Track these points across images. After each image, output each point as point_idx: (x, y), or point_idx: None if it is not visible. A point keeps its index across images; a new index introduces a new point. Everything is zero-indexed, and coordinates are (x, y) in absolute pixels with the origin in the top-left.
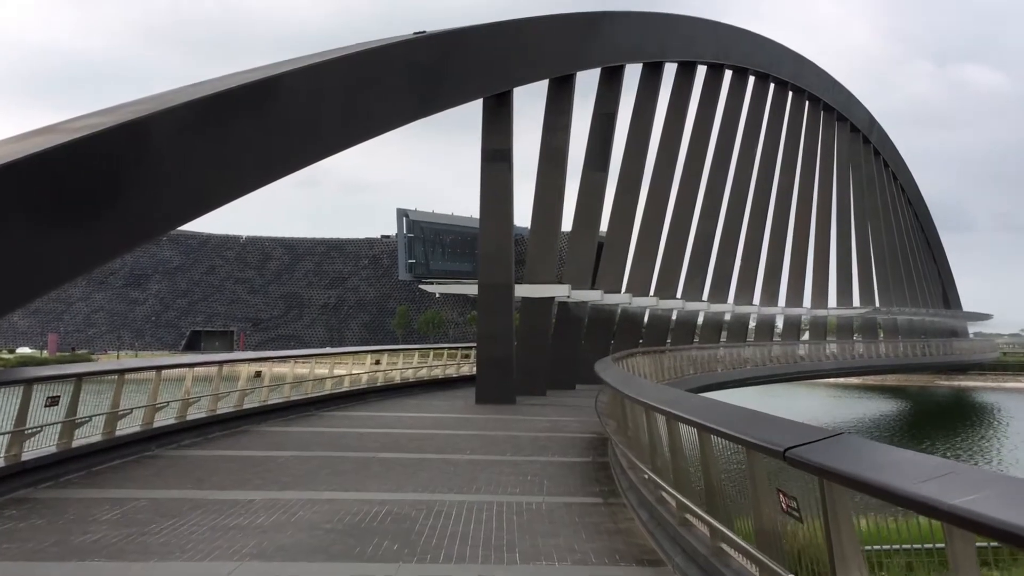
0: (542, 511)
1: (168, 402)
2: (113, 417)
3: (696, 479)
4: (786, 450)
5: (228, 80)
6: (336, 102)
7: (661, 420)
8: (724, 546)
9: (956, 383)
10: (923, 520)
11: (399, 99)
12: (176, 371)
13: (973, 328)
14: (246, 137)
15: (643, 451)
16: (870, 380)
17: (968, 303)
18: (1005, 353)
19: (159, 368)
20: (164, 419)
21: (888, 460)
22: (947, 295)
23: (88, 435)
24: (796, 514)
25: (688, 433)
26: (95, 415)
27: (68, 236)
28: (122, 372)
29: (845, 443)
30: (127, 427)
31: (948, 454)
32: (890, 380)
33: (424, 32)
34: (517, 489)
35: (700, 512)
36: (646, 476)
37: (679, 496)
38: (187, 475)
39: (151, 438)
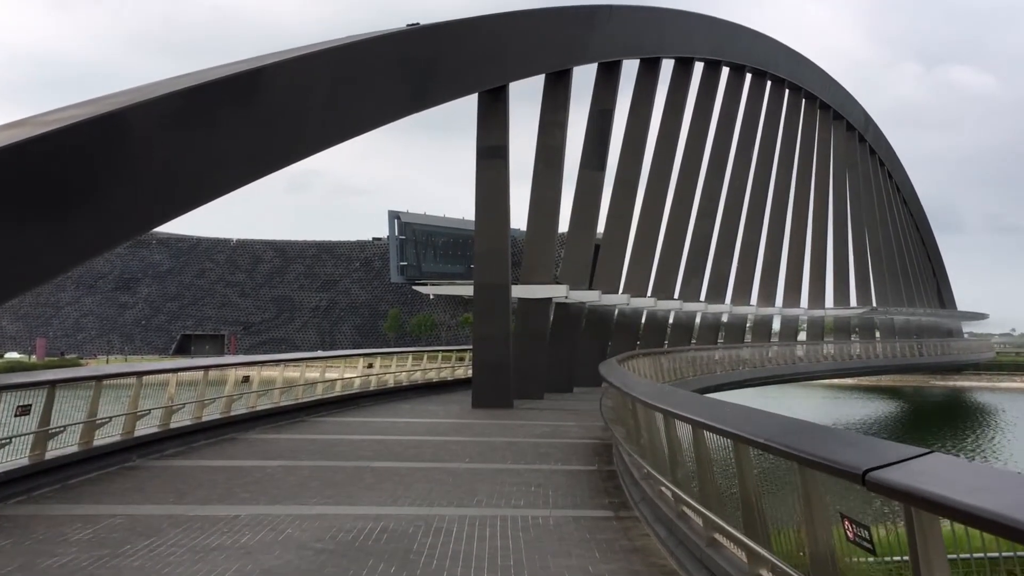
0: (550, 526)
1: (150, 410)
2: (91, 426)
3: (728, 494)
4: (865, 472)
5: (211, 72)
6: (325, 96)
7: (685, 428)
8: (765, 572)
9: (951, 383)
10: None
11: (391, 93)
12: (159, 376)
13: (967, 328)
14: (231, 131)
15: (660, 461)
16: (865, 381)
17: (960, 303)
18: (998, 353)
19: (139, 374)
20: (146, 427)
21: (1000, 485)
22: (942, 294)
23: (63, 445)
24: (867, 544)
25: (718, 443)
26: (70, 424)
27: (43, 234)
28: (99, 379)
29: (937, 463)
30: (106, 436)
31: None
32: (885, 381)
33: (417, 24)
34: (521, 501)
35: (736, 533)
36: (665, 490)
37: (707, 513)
38: (168, 488)
39: (132, 448)
